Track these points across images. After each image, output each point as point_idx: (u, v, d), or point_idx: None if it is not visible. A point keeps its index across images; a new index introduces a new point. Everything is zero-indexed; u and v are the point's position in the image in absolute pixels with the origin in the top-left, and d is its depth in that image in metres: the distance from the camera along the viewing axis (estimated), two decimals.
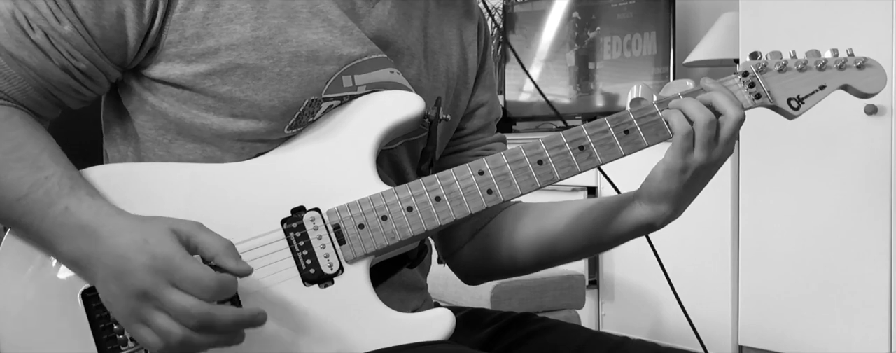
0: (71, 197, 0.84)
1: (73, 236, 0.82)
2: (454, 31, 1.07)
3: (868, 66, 1.00)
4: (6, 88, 0.88)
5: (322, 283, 0.89)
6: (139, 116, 0.94)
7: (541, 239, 1.07)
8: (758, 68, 0.98)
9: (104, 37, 0.88)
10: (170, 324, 0.77)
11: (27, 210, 0.84)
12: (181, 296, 0.77)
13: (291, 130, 0.93)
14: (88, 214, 0.83)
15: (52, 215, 0.83)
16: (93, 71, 0.89)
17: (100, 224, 0.82)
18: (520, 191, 0.93)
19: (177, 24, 0.89)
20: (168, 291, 0.77)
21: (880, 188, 2.63)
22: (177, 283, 0.77)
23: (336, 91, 0.93)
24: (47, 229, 0.83)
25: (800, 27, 2.75)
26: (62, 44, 0.87)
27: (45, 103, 0.90)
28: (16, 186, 0.84)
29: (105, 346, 0.86)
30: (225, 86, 0.90)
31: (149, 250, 0.78)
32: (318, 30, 0.92)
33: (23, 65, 0.87)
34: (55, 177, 0.84)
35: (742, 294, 2.98)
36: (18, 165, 0.85)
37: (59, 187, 0.84)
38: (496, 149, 1.12)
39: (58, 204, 0.83)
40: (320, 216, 0.90)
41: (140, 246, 0.79)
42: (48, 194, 0.83)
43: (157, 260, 0.78)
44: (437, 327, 0.90)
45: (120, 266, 0.79)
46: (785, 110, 0.99)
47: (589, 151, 0.93)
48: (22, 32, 0.86)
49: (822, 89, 0.99)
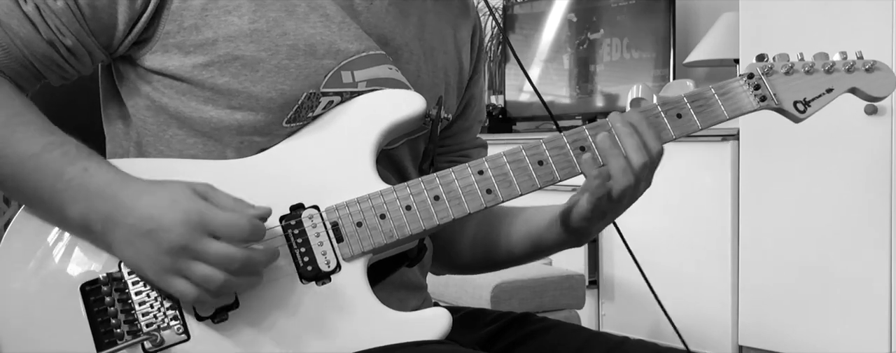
0: (89, 160, 0.86)
1: (90, 198, 0.84)
2: (449, 30, 1.08)
3: (877, 69, 0.99)
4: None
5: (319, 280, 0.89)
6: (140, 111, 0.95)
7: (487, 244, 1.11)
8: (763, 70, 0.98)
9: (94, 16, 0.89)
10: (211, 271, 0.80)
11: (39, 167, 0.85)
12: (220, 244, 0.81)
13: (290, 123, 0.93)
14: (107, 176, 0.85)
15: (70, 174, 0.84)
16: (78, 49, 0.90)
17: (119, 188, 0.84)
18: (519, 191, 0.93)
19: (175, 14, 0.89)
20: (207, 241, 0.81)
21: (880, 188, 2.63)
22: (214, 232, 0.81)
23: (336, 86, 0.93)
24: (62, 189, 0.84)
25: (800, 27, 2.75)
26: (52, 18, 0.88)
27: (25, 75, 0.91)
28: (25, 144, 0.85)
29: (102, 339, 0.86)
30: (223, 77, 0.90)
31: (179, 207, 0.81)
32: (315, 24, 0.92)
33: (9, 33, 0.88)
34: (70, 143, 0.87)
35: (742, 294, 2.97)
36: (25, 127, 0.86)
37: (77, 151, 0.86)
38: (473, 155, 1.13)
39: (76, 164, 0.85)
40: (319, 214, 0.90)
41: (169, 205, 0.82)
42: (66, 154, 0.85)
43: (191, 214, 0.81)
44: (433, 325, 0.89)
45: (150, 225, 0.81)
46: (791, 113, 0.98)
47: (591, 152, 0.93)
48: (14, 2, 0.87)
49: (829, 92, 0.98)
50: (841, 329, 2.72)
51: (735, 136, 2.96)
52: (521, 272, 2.39)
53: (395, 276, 0.98)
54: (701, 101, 0.96)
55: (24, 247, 0.88)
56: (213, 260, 0.81)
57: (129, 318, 0.86)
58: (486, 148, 1.17)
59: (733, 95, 0.97)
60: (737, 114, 0.97)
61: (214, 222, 0.81)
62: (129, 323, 0.86)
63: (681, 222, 3.06)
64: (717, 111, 0.96)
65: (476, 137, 1.16)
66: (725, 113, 0.96)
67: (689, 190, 3.03)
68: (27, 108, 0.88)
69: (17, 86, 0.91)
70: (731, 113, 0.96)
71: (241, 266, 0.81)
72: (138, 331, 0.86)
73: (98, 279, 0.87)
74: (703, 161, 3.02)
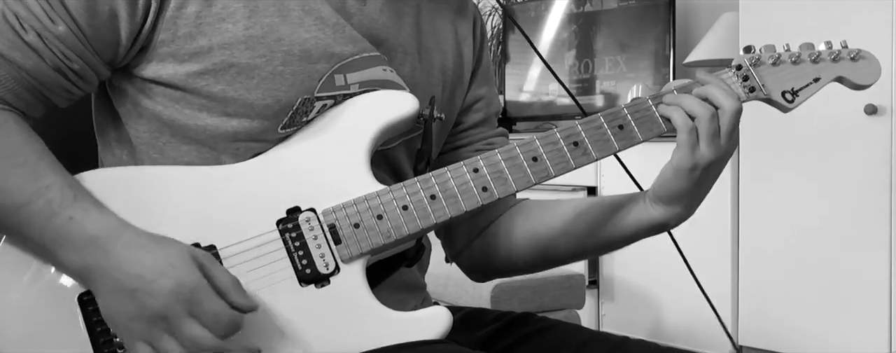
0: (74, 208, 0.83)
1: (78, 247, 0.82)
2: (448, 27, 1.07)
3: (862, 57, 1.00)
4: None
5: (318, 283, 0.89)
6: (133, 119, 0.94)
7: (537, 239, 1.06)
8: (751, 62, 0.98)
9: (97, 37, 0.87)
10: (178, 350, 0.79)
11: (26, 220, 0.83)
12: (198, 328, 0.79)
13: (285, 129, 0.92)
14: (96, 225, 0.83)
15: (55, 225, 0.82)
16: (85, 71, 0.89)
17: (109, 238, 0.82)
18: (515, 188, 0.93)
19: (169, 23, 0.88)
20: (187, 321, 0.79)
21: (880, 188, 2.63)
22: (197, 314, 0.79)
23: (329, 90, 0.93)
24: (50, 239, 0.83)
25: (800, 27, 2.75)
26: (56, 44, 0.86)
27: (34, 103, 0.89)
28: (16, 193, 0.83)
29: (102, 349, 0.86)
30: (218, 85, 0.89)
31: (174, 276, 0.79)
32: (310, 28, 0.92)
33: (13, 66, 0.86)
34: (56, 186, 0.84)
35: (742, 294, 2.97)
36: (18, 171, 0.84)
37: (61, 198, 0.83)
38: (497, 143, 1.12)
39: (61, 214, 0.83)
40: (316, 216, 0.90)
41: (163, 270, 0.80)
42: (50, 204, 0.83)
43: (182, 288, 0.79)
44: (433, 325, 0.89)
45: (136, 285, 0.80)
46: (779, 103, 0.98)
47: (583, 147, 0.93)
48: (14, 33, 0.85)
49: (816, 82, 0.99)
50: (841, 329, 2.72)
51: None
52: None
53: (395, 276, 0.98)
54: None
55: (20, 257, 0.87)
56: (186, 341, 0.79)
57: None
58: (507, 136, 1.15)
59: None
60: None
61: (201, 305, 0.79)
62: None
63: None
64: None
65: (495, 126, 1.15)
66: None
67: None
68: (25, 143, 0.86)
69: (23, 114, 0.89)
70: None
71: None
72: None
73: None
74: None
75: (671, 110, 0.93)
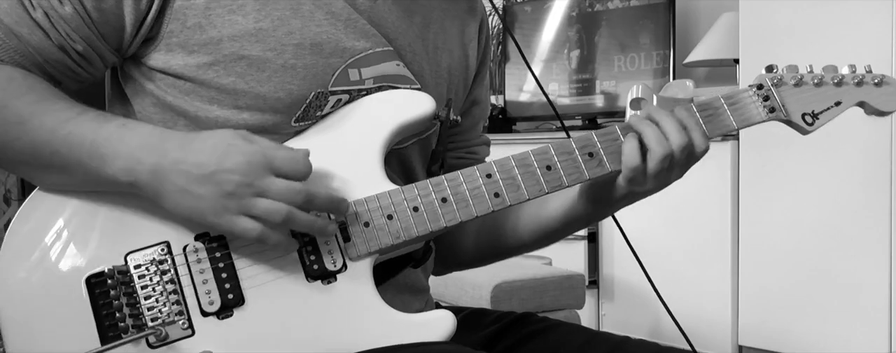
0: (119, 119, 0.87)
1: (132, 152, 0.84)
2: (456, 28, 1.07)
3: (886, 83, 0.99)
4: (5, 58, 0.88)
5: (325, 279, 0.89)
6: (145, 107, 0.95)
7: (540, 227, 1.08)
8: (773, 82, 0.98)
9: (103, 20, 0.89)
10: (274, 204, 0.82)
11: (73, 132, 0.85)
12: (282, 180, 0.83)
13: (299, 123, 0.93)
14: (147, 129, 0.86)
15: (108, 131, 0.85)
16: (89, 53, 0.90)
17: (163, 139, 0.85)
18: (527, 196, 0.93)
19: (178, 13, 0.89)
20: (270, 179, 0.83)
21: (880, 188, 2.63)
22: (276, 170, 0.83)
23: (343, 84, 0.93)
24: (101, 147, 0.84)
25: (800, 27, 2.75)
26: (61, 24, 0.88)
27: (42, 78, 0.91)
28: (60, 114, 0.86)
29: (107, 332, 0.86)
30: (228, 77, 0.90)
31: (238, 150, 0.83)
32: (321, 22, 0.92)
33: (21, 41, 0.88)
34: (93, 110, 0.88)
35: (742, 294, 2.97)
36: (56, 103, 0.87)
37: (105, 115, 0.88)
38: (480, 152, 1.14)
39: (113, 122, 0.86)
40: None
41: (225, 149, 0.83)
42: (99, 116, 0.87)
43: (252, 155, 0.83)
44: (438, 327, 0.90)
45: (209, 169, 0.82)
46: (799, 125, 0.98)
47: (598, 158, 0.93)
48: (22, 9, 0.87)
49: (837, 105, 0.98)
50: (841, 329, 2.73)
51: (735, 136, 2.96)
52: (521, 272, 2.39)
53: (399, 278, 0.98)
54: (710, 110, 0.96)
55: (29, 238, 0.88)
56: (277, 195, 0.82)
57: (133, 312, 0.86)
58: (489, 145, 1.17)
59: (742, 105, 0.97)
60: (745, 125, 0.97)
61: (276, 160, 0.83)
62: (134, 317, 0.86)
63: (681, 222, 3.06)
64: (726, 121, 0.96)
65: (480, 134, 1.16)
66: (734, 123, 0.96)
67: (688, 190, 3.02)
68: (54, 91, 0.89)
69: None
70: (740, 124, 0.97)
71: (303, 199, 0.83)
72: (143, 325, 0.86)
73: (103, 272, 0.87)
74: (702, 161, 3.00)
75: (629, 139, 0.93)
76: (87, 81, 0.94)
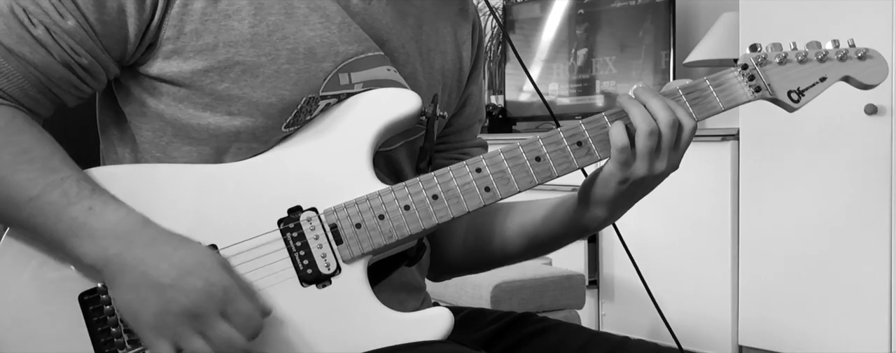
0: (93, 199, 0.83)
1: (97, 238, 0.81)
2: (449, 30, 1.07)
3: (869, 57, 0.99)
4: (5, 87, 0.86)
5: (320, 283, 0.89)
6: (136, 118, 0.94)
7: (524, 232, 1.07)
8: (757, 61, 0.97)
9: (106, 32, 0.87)
10: (205, 348, 0.79)
11: (39, 211, 0.82)
12: (229, 328, 0.79)
13: (289, 128, 0.92)
14: (116, 217, 0.82)
15: (71, 215, 0.82)
16: (94, 66, 0.88)
17: (132, 230, 0.82)
18: (517, 188, 0.92)
19: (175, 19, 0.88)
20: (219, 320, 0.79)
21: (880, 188, 2.63)
22: (229, 314, 0.79)
23: (333, 89, 0.92)
24: (64, 230, 0.82)
25: (800, 27, 2.75)
26: (64, 39, 0.86)
27: (42, 101, 0.89)
28: (27, 186, 0.82)
29: (102, 349, 0.85)
30: (223, 83, 0.89)
31: (204, 275, 0.79)
32: (315, 26, 0.91)
33: (22, 61, 0.85)
34: (71, 179, 0.83)
35: (742, 294, 2.97)
36: (29, 166, 0.83)
37: (79, 189, 0.83)
38: (474, 154, 1.12)
39: (79, 204, 0.82)
40: (317, 216, 0.89)
41: (192, 267, 0.80)
42: (66, 194, 0.82)
43: (214, 287, 0.79)
44: (435, 325, 0.89)
45: (165, 281, 0.79)
46: (785, 103, 0.98)
47: (587, 147, 0.93)
48: (22, 28, 0.85)
49: (822, 81, 0.98)
50: (841, 329, 2.72)
51: (735, 136, 2.96)
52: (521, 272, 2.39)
53: (394, 277, 0.98)
54: (696, 92, 0.95)
55: (21, 255, 0.87)
56: (217, 341, 0.79)
57: (129, 327, 0.85)
58: (486, 148, 1.16)
59: (728, 85, 0.96)
60: (732, 105, 0.96)
61: (234, 305, 0.80)
62: (130, 332, 0.85)
63: (681, 221, 3.06)
64: (712, 102, 0.96)
65: (476, 136, 1.16)
66: (721, 104, 0.96)
67: (688, 190, 3.02)
68: (37, 141, 0.86)
69: (32, 113, 0.89)
70: (726, 104, 0.96)
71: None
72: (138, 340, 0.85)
73: (97, 288, 0.86)
74: (702, 161, 3.02)
75: (616, 124, 0.92)
76: (89, 96, 0.92)
